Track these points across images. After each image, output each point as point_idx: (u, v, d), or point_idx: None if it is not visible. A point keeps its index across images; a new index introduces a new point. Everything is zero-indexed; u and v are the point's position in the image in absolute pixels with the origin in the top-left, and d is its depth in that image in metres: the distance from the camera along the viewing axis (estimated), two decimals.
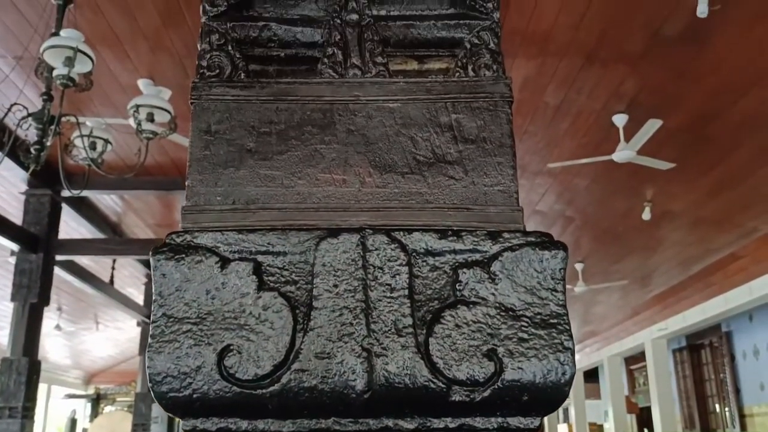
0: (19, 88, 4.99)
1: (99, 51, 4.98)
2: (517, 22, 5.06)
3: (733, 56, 4.99)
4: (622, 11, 4.74)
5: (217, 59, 0.89)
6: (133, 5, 4.64)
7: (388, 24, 0.93)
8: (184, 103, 5.74)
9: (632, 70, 5.33)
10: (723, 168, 6.43)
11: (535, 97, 5.93)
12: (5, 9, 4.54)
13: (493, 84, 0.88)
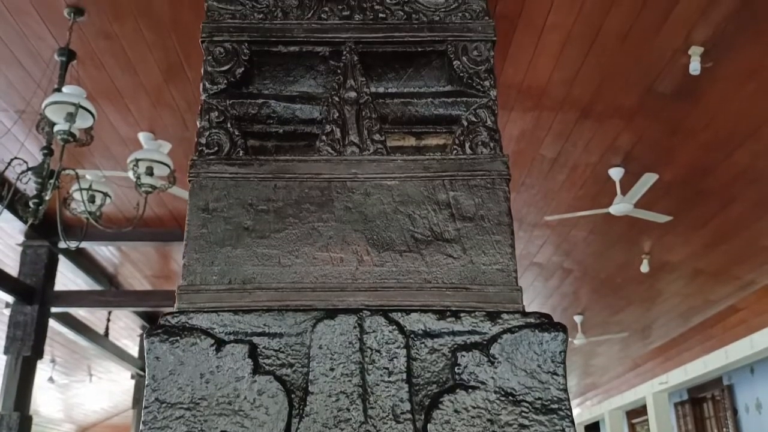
0: (21, 141, 5.04)
1: (100, 105, 5.05)
2: (513, 76, 5.14)
3: (725, 111, 5.06)
4: (616, 68, 4.83)
5: (216, 137, 0.90)
6: (135, 61, 4.72)
7: (386, 101, 0.94)
8: (184, 156, 5.78)
9: (627, 124, 5.40)
10: (719, 221, 6.45)
11: (531, 150, 5.99)
12: (9, 65, 4.61)
13: (491, 161, 0.88)
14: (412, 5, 0.98)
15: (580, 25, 4.53)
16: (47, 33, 4.35)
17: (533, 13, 4.51)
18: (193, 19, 4.33)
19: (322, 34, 0.95)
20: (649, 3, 4.25)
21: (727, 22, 4.28)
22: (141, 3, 4.19)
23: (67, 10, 4.17)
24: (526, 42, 4.78)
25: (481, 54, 0.95)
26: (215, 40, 0.94)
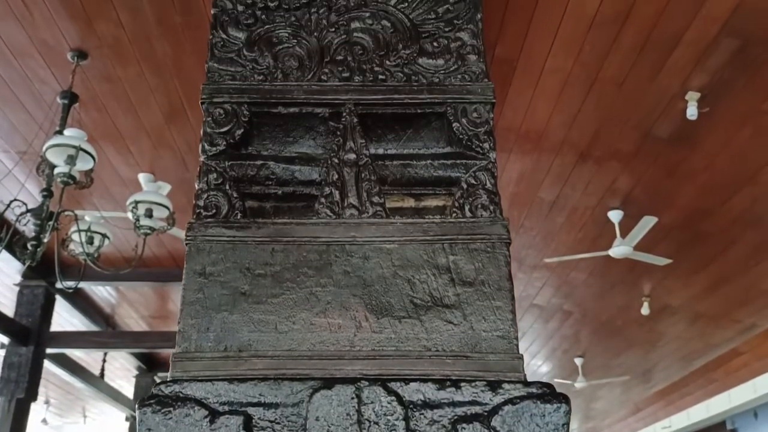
0: (21, 182, 5.04)
1: (101, 146, 5.07)
2: (512, 119, 5.18)
3: (723, 156, 5.09)
4: (614, 112, 4.86)
5: (214, 199, 0.89)
6: (137, 103, 4.76)
7: (385, 163, 0.94)
8: (184, 196, 5.78)
9: (625, 167, 5.42)
10: (719, 264, 6.43)
11: (530, 192, 6.01)
12: (13, 107, 4.64)
13: (491, 225, 0.88)
14: (412, 67, 0.99)
15: (578, 70, 4.57)
16: (50, 76, 4.39)
17: (532, 57, 4.57)
18: (196, 63, 4.39)
19: (322, 95, 0.95)
20: (646, 49, 4.30)
21: (723, 68, 4.33)
22: (144, 48, 4.23)
23: (71, 53, 4.22)
24: (525, 85, 4.83)
25: (481, 116, 0.95)
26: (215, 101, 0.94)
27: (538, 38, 4.37)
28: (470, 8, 1.03)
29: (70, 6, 3.92)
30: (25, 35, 4.07)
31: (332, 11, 1.01)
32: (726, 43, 4.17)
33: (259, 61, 0.97)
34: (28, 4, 3.89)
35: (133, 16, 4.02)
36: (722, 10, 3.96)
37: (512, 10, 4.19)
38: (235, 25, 0.99)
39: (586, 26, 4.20)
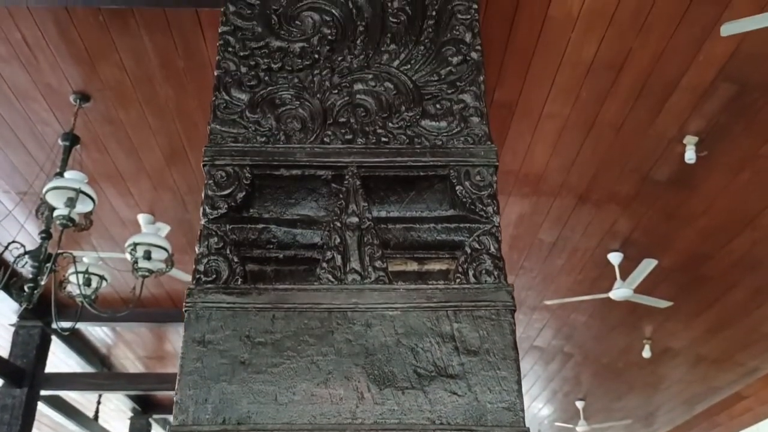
0: (20, 223, 5.03)
1: (101, 187, 5.08)
2: (511, 163, 5.20)
3: (722, 199, 5.09)
4: (612, 156, 4.89)
5: (215, 264, 0.88)
6: (139, 145, 4.78)
7: (388, 226, 0.93)
8: (183, 236, 5.77)
9: (624, 210, 5.43)
10: (720, 307, 6.39)
11: (529, 234, 6.00)
12: (14, 148, 4.66)
13: (495, 291, 0.87)
14: (415, 129, 0.99)
15: (576, 115, 4.61)
16: (53, 118, 4.42)
17: (530, 101, 4.61)
18: (198, 105, 4.42)
19: (325, 158, 0.95)
20: (643, 95, 4.34)
21: (720, 113, 4.37)
22: (146, 91, 4.27)
23: (74, 96, 4.25)
24: (524, 129, 4.86)
25: (484, 179, 0.95)
26: (217, 164, 0.94)
27: (536, 83, 4.42)
28: (473, 70, 1.04)
29: (74, 50, 3.97)
30: (29, 78, 4.11)
31: (335, 73, 1.02)
32: (723, 89, 4.22)
33: (262, 122, 0.97)
34: (33, 49, 3.94)
35: (136, 60, 4.07)
36: (718, 56, 4.01)
37: (511, 55, 4.25)
38: (238, 87, 1.00)
39: (583, 72, 4.25)
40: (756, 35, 3.56)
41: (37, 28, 3.82)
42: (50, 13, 3.75)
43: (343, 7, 1.09)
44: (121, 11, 3.77)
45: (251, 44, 1.05)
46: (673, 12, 3.77)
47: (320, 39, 1.05)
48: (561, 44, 4.12)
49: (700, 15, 3.75)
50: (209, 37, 3.99)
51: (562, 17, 3.94)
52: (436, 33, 1.06)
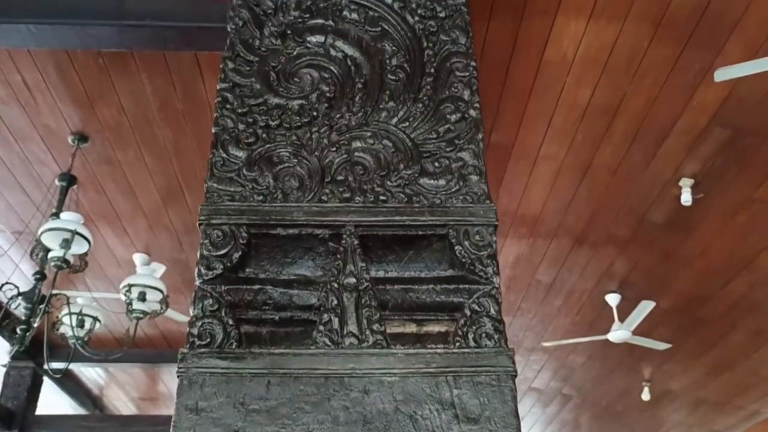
0: (15, 263, 5.00)
1: (97, 226, 5.06)
2: (508, 204, 5.21)
3: (719, 242, 5.10)
4: (608, 198, 4.90)
5: (209, 327, 0.87)
6: (136, 185, 4.78)
7: (386, 287, 0.92)
8: (179, 276, 5.73)
9: (621, 252, 5.42)
10: (719, 350, 6.34)
11: (527, 275, 5.99)
12: (11, 188, 4.66)
13: (495, 356, 0.85)
14: (413, 187, 0.98)
15: (572, 157, 4.64)
16: (50, 158, 4.43)
17: (527, 143, 4.64)
18: (196, 147, 4.44)
19: (323, 217, 0.95)
20: (638, 138, 4.37)
21: (715, 157, 4.40)
22: (145, 132, 4.29)
23: (72, 137, 4.27)
24: (520, 171, 4.88)
25: (483, 239, 0.94)
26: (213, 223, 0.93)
27: (532, 125, 4.45)
28: (471, 128, 1.04)
29: (73, 92, 3.99)
30: (27, 120, 4.13)
31: (333, 130, 1.02)
32: (717, 133, 4.26)
33: (259, 181, 0.96)
34: (32, 91, 3.96)
35: (135, 102, 4.09)
36: (712, 101, 4.06)
37: (507, 97, 4.29)
38: (236, 144, 1.00)
39: (579, 115, 4.29)
40: (748, 80, 3.60)
41: (37, 71, 3.85)
42: (51, 56, 3.78)
43: (341, 65, 1.09)
44: (121, 54, 3.81)
45: (249, 101, 1.05)
46: (665, 58, 3.82)
47: (319, 96, 1.05)
48: (556, 88, 4.16)
49: (693, 61, 3.80)
50: (208, 80, 4.02)
51: (558, 61, 3.99)
52: (434, 90, 1.06)
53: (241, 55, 1.09)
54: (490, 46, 3.95)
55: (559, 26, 3.80)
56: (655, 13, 3.60)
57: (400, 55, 1.10)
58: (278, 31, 1.11)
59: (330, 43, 1.11)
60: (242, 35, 1.10)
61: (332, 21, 1.13)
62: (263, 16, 1.13)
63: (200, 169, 4.57)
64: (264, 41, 1.11)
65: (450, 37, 1.13)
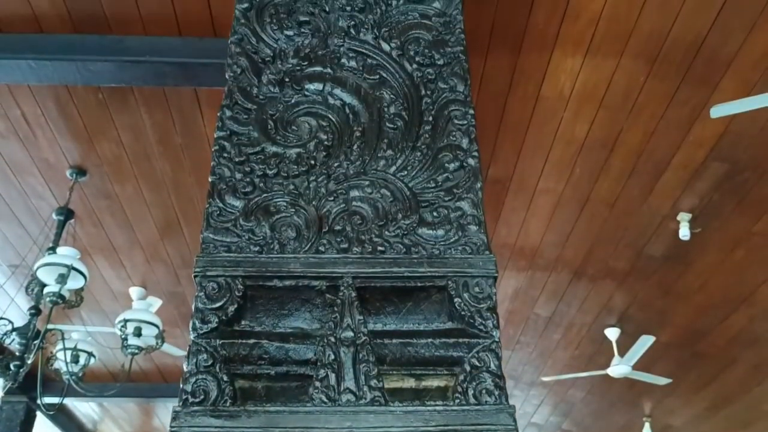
0: (11, 297, 4.96)
1: (94, 260, 5.04)
2: (506, 237, 5.20)
3: (717, 276, 5.08)
4: (606, 232, 4.90)
5: (203, 383, 0.85)
6: (133, 219, 4.77)
7: (384, 341, 0.90)
8: (175, 309, 5.69)
9: (620, 286, 5.40)
10: (720, 384, 6.28)
11: (525, 308, 5.95)
12: (8, 221, 4.64)
13: (496, 413, 0.83)
14: (412, 237, 0.97)
15: (569, 191, 4.64)
16: (48, 192, 4.42)
17: (524, 177, 4.65)
18: (194, 180, 4.44)
19: (320, 268, 0.93)
20: (635, 172, 4.38)
21: (713, 191, 4.40)
22: (143, 166, 4.30)
23: (70, 171, 4.27)
24: (518, 205, 4.89)
25: (483, 291, 0.93)
26: (209, 275, 0.92)
27: (529, 160, 4.47)
28: (470, 177, 1.04)
29: (72, 126, 4.00)
30: (26, 154, 4.14)
31: (331, 179, 1.01)
32: (714, 167, 4.27)
33: (256, 231, 0.95)
34: (32, 125, 3.97)
35: (134, 137, 4.10)
36: (709, 136, 4.08)
37: (504, 132, 4.31)
38: (233, 194, 0.99)
39: (576, 150, 4.31)
40: (745, 116, 3.62)
41: (36, 105, 3.87)
42: (51, 91, 3.80)
43: (339, 113, 1.09)
44: (121, 89, 3.83)
45: (247, 150, 1.04)
46: (661, 94, 3.85)
47: (317, 144, 1.04)
48: (554, 123, 4.18)
49: (689, 97, 3.83)
50: (207, 114, 4.04)
51: (555, 97, 4.02)
52: (432, 138, 1.06)
53: (239, 103, 1.09)
54: (487, 81, 3.98)
55: (555, 61, 3.83)
56: (651, 50, 3.64)
57: (398, 103, 1.10)
58: (276, 79, 1.11)
59: (328, 91, 1.11)
60: (240, 83, 1.10)
61: (330, 69, 1.13)
62: (261, 63, 1.14)
63: (198, 201, 4.57)
64: (262, 89, 1.11)
65: (448, 84, 1.13)
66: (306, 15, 1.21)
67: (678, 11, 3.41)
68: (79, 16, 3.40)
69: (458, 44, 1.17)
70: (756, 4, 3.33)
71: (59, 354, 4.18)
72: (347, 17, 1.21)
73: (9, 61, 3.36)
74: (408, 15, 1.21)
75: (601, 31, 3.58)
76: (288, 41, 1.17)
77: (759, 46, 3.52)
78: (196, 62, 3.45)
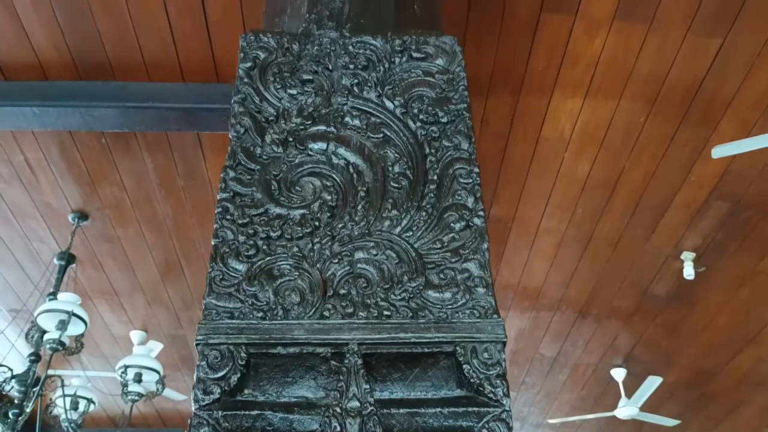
0: (11, 342, 4.92)
1: (95, 303, 5.01)
2: (509, 277, 5.18)
3: (723, 315, 5.04)
4: (610, 272, 4.87)
5: None
6: (135, 262, 4.76)
7: (391, 411, 0.88)
8: (176, 353, 5.64)
9: (625, 325, 5.35)
10: (729, 425, 6.18)
11: (530, 349, 5.89)
12: (9, 266, 4.63)
13: None
14: (418, 301, 0.96)
15: (572, 230, 4.64)
16: (50, 236, 4.42)
17: (527, 217, 4.65)
18: (196, 222, 4.44)
19: (325, 335, 0.92)
20: (638, 212, 4.38)
21: (716, 230, 4.39)
22: (145, 209, 4.30)
23: (72, 215, 4.28)
24: (521, 245, 4.88)
25: (492, 356, 0.91)
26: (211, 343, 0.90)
27: (531, 200, 4.47)
28: (476, 237, 1.03)
29: (75, 171, 4.02)
30: (28, 198, 4.15)
31: (336, 240, 1.00)
32: (716, 207, 4.27)
33: (259, 296, 0.94)
34: (34, 170, 3.99)
35: (137, 181, 4.12)
36: (710, 176, 4.09)
37: (506, 172, 4.32)
38: (236, 257, 0.98)
39: (578, 190, 4.31)
40: (746, 155, 3.63)
41: (40, 151, 3.89)
42: (54, 137, 3.83)
43: (343, 172, 1.09)
44: (124, 134, 3.85)
45: (250, 211, 1.03)
46: (662, 135, 3.87)
47: (321, 205, 1.04)
48: (555, 163, 4.20)
49: (689, 138, 3.85)
50: (209, 157, 4.06)
51: (555, 138, 4.04)
52: (437, 198, 1.05)
53: (242, 163, 1.08)
54: (488, 123, 4.01)
55: (555, 103, 3.86)
56: (650, 92, 3.67)
57: (402, 161, 1.10)
58: (280, 139, 1.11)
59: (332, 150, 1.11)
60: (243, 143, 1.10)
61: (334, 127, 1.13)
62: (265, 122, 1.14)
63: (199, 244, 4.55)
64: (265, 149, 1.11)
65: (452, 142, 1.13)
66: (309, 73, 1.21)
67: (675, 55, 3.45)
68: (84, 65, 3.44)
69: (462, 101, 1.17)
70: (752, 48, 3.37)
71: (58, 401, 4.12)
72: (350, 75, 1.21)
73: (14, 108, 3.39)
74: (411, 72, 1.21)
75: (600, 73, 3.62)
76: (291, 100, 1.17)
77: (757, 88, 3.55)
78: (198, 107, 3.48)
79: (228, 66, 3.52)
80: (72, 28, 3.29)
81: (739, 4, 3.21)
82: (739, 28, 3.29)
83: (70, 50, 3.39)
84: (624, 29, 3.39)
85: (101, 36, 3.34)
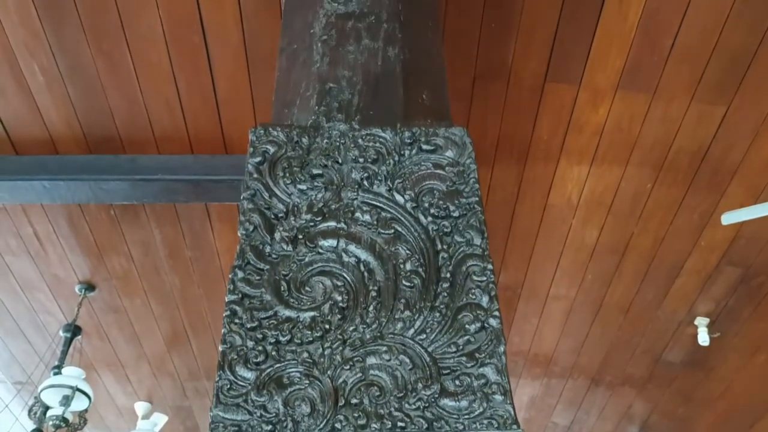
0: (15, 416, 4.84)
1: (99, 374, 4.94)
2: (519, 344, 5.10)
3: (740, 382, 4.92)
4: (622, 338, 4.80)
5: None
6: (141, 332, 4.72)
7: None
8: (182, 424, 5.53)
9: (640, 393, 5.23)
10: None
11: (542, 417, 5.75)
12: (15, 338, 4.59)
13: None
14: (433, 410, 0.93)
15: (582, 297, 4.59)
16: (56, 308, 4.40)
17: (536, 284, 4.61)
18: (203, 292, 4.42)
19: None
20: (648, 277, 4.34)
21: (728, 295, 4.34)
22: (152, 280, 4.29)
23: (79, 286, 4.26)
24: (531, 312, 4.82)
25: None
26: None
27: (540, 267, 4.44)
28: (492, 339, 1.00)
29: (83, 243, 4.03)
30: (36, 270, 4.14)
31: (347, 345, 0.98)
32: (728, 272, 4.22)
33: (268, 407, 0.91)
34: (43, 242, 4.00)
35: (144, 251, 4.12)
36: (720, 241, 4.06)
37: (514, 240, 4.31)
38: (244, 364, 0.96)
39: (587, 256, 4.29)
40: (756, 220, 3.61)
41: (48, 223, 3.91)
42: (63, 209, 3.85)
43: (354, 271, 1.07)
44: (132, 205, 3.87)
45: (259, 315, 1.01)
46: (670, 200, 3.87)
47: (331, 306, 1.02)
48: (563, 230, 4.19)
49: (698, 203, 3.84)
50: (217, 228, 4.07)
51: (563, 205, 4.05)
52: (451, 297, 1.03)
53: (251, 263, 1.07)
54: (494, 190, 4.02)
55: (562, 171, 3.88)
56: (656, 158, 3.68)
57: (414, 258, 1.08)
58: (289, 236, 1.10)
59: (342, 248, 1.10)
60: (252, 241, 1.09)
61: (344, 223, 1.12)
62: (274, 219, 1.13)
63: (206, 314, 4.52)
64: (275, 247, 1.10)
65: (464, 238, 1.11)
66: (319, 168, 1.21)
67: (679, 124, 3.48)
68: (94, 139, 3.49)
69: (473, 194, 1.16)
70: (757, 115, 3.40)
71: None
72: (360, 169, 1.21)
73: (24, 182, 3.42)
74: (421, 165, 1.21)
75: (606, 141, 3.64)
76: (301, 195, 1.16)
77: (762, 154, 3.56)
78: (207, 179, 3.50)
79: (236, 138, 3.57)
80: (84, 103, 3.35)
81: (742, 73, 3.25)
82: (742, 97, 3.33)
83: (81, 125, 3.44)
84: (627, 98, 3.43)
85: (112, 111, 3.40)
